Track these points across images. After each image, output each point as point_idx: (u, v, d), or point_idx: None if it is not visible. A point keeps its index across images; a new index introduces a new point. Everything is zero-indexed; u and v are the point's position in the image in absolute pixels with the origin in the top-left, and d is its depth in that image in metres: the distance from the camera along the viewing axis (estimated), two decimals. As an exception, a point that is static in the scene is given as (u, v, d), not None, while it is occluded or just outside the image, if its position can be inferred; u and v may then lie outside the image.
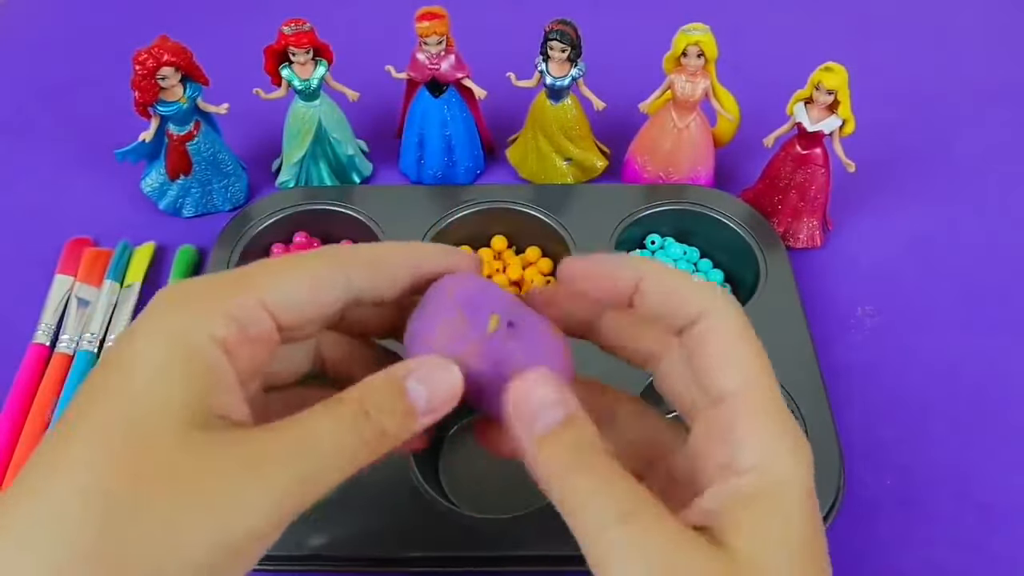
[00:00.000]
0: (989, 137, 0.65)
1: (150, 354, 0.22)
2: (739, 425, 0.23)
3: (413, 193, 0.57)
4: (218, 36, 0.70)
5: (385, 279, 0.26)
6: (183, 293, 0.24)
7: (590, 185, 0.60)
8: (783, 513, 0.23)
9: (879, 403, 0.49)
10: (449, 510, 0.41)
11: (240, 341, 0.23)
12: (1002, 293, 0.55)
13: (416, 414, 0.24)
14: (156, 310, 0.23)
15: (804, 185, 0.54)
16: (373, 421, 0.23)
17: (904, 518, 0.44)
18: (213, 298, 0.23)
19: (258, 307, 0.24)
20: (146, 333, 0.23)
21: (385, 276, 0.26)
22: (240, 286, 0.24)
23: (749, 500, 0.23)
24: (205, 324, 0.23)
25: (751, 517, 0.22)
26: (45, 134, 0.65)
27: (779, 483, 0.23)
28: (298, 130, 0.56)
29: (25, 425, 0.46)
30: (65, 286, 0.53)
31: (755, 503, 0.23)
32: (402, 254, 0.27)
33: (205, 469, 0.21)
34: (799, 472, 0.23)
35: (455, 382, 0.25)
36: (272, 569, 0.40)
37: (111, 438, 0.21)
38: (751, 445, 0.23)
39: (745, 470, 0.23)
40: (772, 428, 0.23)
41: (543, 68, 0.54)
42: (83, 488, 0.20)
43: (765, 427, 0.23)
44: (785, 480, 0.23)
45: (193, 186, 0.57)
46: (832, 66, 0.50)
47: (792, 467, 0.23)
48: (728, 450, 0.23)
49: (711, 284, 0.26)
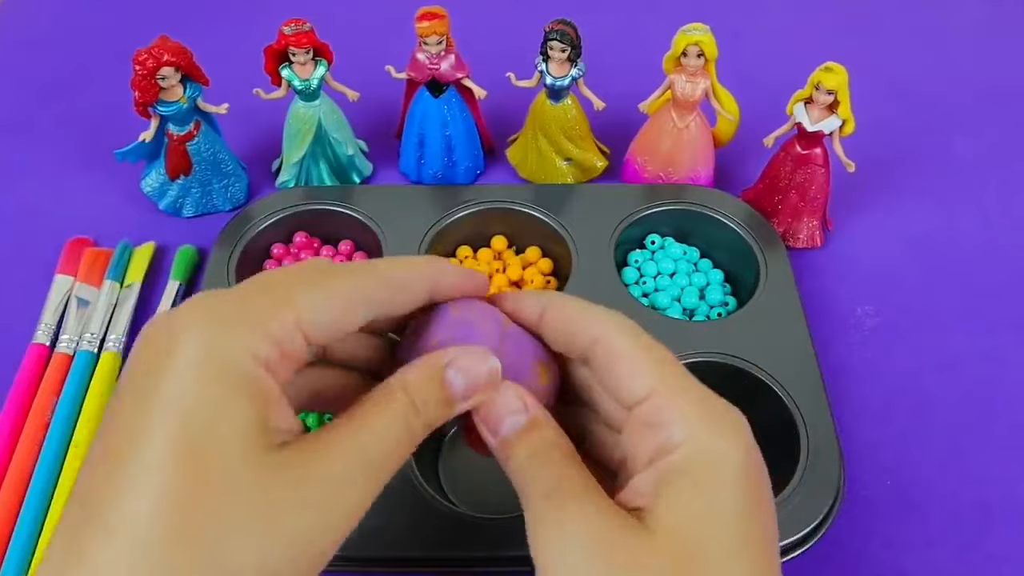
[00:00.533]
0: (989, 137, 0.65)
1: (201, 374, 0.21)
2: (661, 413, 0.25)
3: (413, 193, 0.57)
4: (218, 36, 0.70)
5: (406, 296, 0.27)
6: (222, 309, 0.23)
7: (590, 185, 0.60)
8: (711, 487, 0.23)
9: (879, 403, 0.49)
10: (449, 510, 0.41)
11: (279, 360, 0.23)
12: (1002, 293, 0.55)
13: (455, 403, 0.25)
14: (195, 324, 0.22)
15: (804, 185, 0.54)
16: (421, 414, 0.25)
17: (904, 518, 0.44)
18: (255, 316, 0.23)
19: (295, 327, 0.23)
20: (190, 352, 0.21)
21: (406, 293, 0.27)
22: (279, 304, 0.23)
23: (676, 475, 0.24)
24: (250, 344, 0.22)
25: (676, 491, 0.23)
26: (45, 134, 0.65)
27: (707, 458, 0.24)
28: (298, 130, 0.56)
29: (25, 425, 0.46)
30: (65, 286, 0.53)
31: (681, 478, 0.23)
32: (423, 271, 0.27)
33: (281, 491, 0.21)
34: (729, 447, 0.24)
35: (493, 370, 0.26)
36: (272, 569, 0.40)
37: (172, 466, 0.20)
38: (676, 426, 0.24)
39: (672, 448, 0.24)
40: (694, 410, 0.24)
41: (543, 68, 0.54)
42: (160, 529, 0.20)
43: (686, 410, 0.24)
44: (713, 455, 0.24)
45: (193, 186, 0.57)
46: (832, 66, 0.50)
47: (720, 442, 0.24)
48: (655, 437, 0.24)
49: (601, 308, 0.27)
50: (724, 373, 0.46)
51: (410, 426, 0.24)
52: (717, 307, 0.52)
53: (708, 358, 0.47)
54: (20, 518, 0.43)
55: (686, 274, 0.54)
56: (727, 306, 0.52)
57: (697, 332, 0.49)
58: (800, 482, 0.42)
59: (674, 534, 0.23)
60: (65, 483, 0.44)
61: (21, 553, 0.42)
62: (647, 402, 0.25)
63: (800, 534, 0.40)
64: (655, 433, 0.24)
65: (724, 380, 0.47)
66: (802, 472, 0.42)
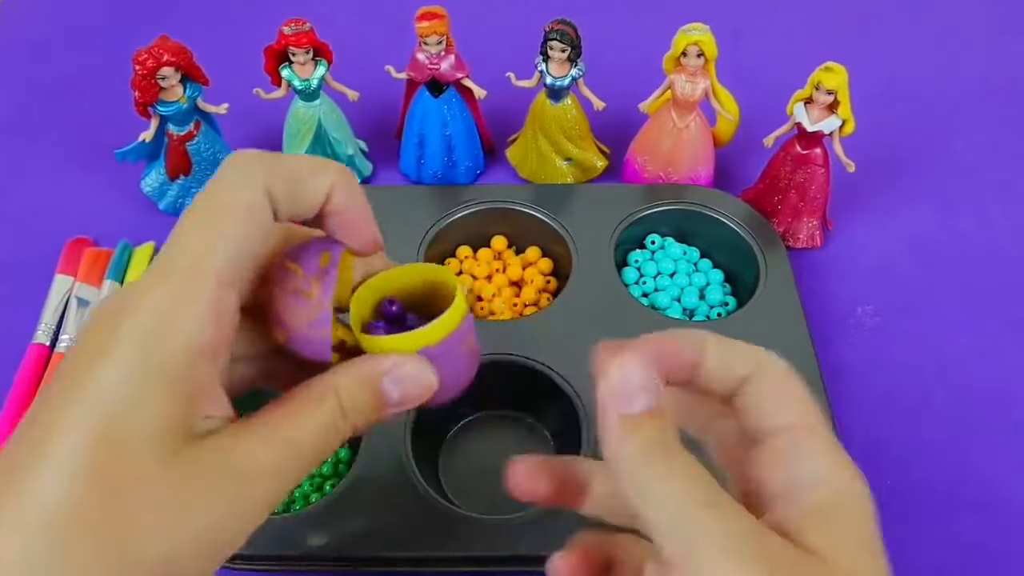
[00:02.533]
0: (989, 137, 0.65)
1: (129, 375, 0.21)
2: (802, 447, 0.25)
3: (413, 193, 0.57)
4: (218, 36, 0.70)
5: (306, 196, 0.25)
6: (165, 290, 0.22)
7: (590, 185, 0.60)
8: (854, 519, 0.24)
9: (879, 403, 0.49)
10: (449, 510, 0.41)
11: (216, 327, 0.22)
12: (1002, 293, 0.55)
13: (386, 411, 0.25)
14: (138, 313, 0.22)
15: (804, 185, 0.54)
16: (349, 419, 0.24)
17: (903, 518, 0.44)
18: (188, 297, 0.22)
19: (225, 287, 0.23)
20: (126, 352, 0.21)
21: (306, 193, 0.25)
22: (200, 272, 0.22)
23: (822, 509, 0.24)
24: (187, 334, 0.22)
25: (827, 523, 0.23)
26: (45, 134, 0.65)
27: (846, 494, 0.24)
28: (298, 130, 0.56)
29: (25, 425, 0.46)
30: (65, 286, 0.53)
31: (829, 511, 0.24)
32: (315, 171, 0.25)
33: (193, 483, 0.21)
34: (861, 483, 0.25)
35: (429, 383, 0.25)
36: (272, 569, 0.40)
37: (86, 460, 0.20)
38: (818, 461, 0.24)
39: (814, 484, 0.24)
40: (832, 447, 0.25)
41: (543, 68, 0.54)
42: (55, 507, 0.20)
43: (826, 446, 0.25)
44: (851, 491, 0.24)
45: (193, 186, 0.57)
46: (832, 66, 0.50)
47: (854, 479, 0.24)
48: (792, 469, 0.24)
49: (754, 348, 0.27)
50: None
51: (337, 428, 0.24)
52: (717, 307, 0.52)
53: (708, 358, 0.47)
54: (20, 518, 0.43)
55: (686, 274, 0.54)
56: (727, 306, 0.52)
57: (697, 332, 0.49)
58: (800, 482, 0.42)
59: (838, 562, 0.23)
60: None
61: (21, 553, 0.42)
62: (788, 433, 0.25)
63: (800, 534, 0.40)
64: (791, 465, 0.25)
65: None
66: (802, 472, 0.42)
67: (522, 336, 0.48)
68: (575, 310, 0.49)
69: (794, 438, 0.25)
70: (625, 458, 0.23)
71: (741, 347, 0.26)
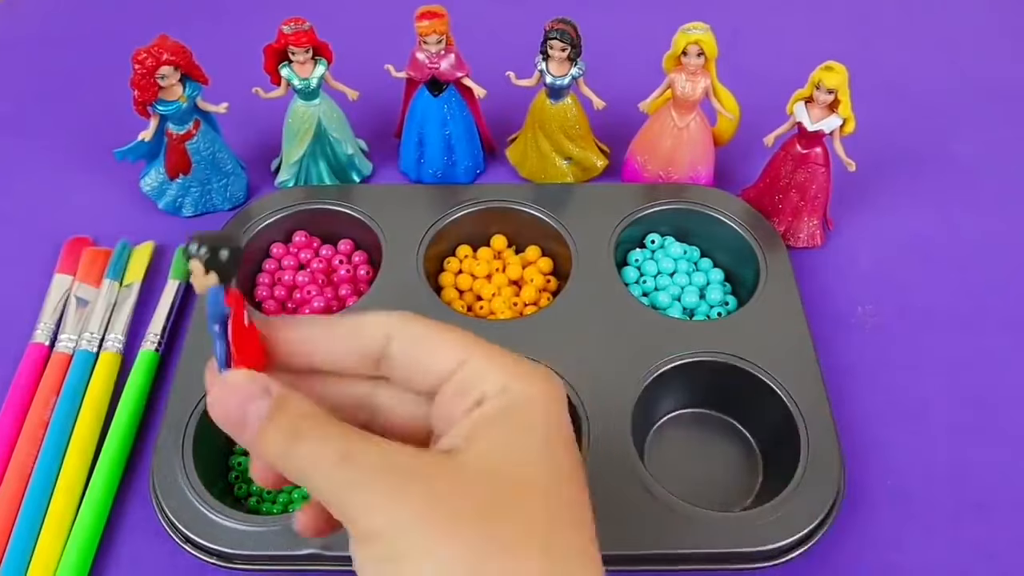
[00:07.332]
0: (989, 137, 0.65)
1: None
2: (473, 377, 0.25)
3: (413, 192, 0.57)
4: (218, 36, 0.70)
5: None
6: None
7: (590, 185, 0.60)
8: (524, 423, 0.24)
9: (879, 403, 0.49)
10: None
11: None
12: (1002, 293, 0.55)
13: None
14: None
15: (804, 184, 0.54)
16: None
17: (904, 518, 0.44)
18: None
19: None
20: None
21: None
22: None
23: (486, 420, 0.24)
24: None
25: (486, 432, 0.24)
26: (45, 134, 0.65)
27: (515, 402, 0.24)
28: (298, 129, 0.56)
29: (24, 424, 0.46)
30: (64, 285, 0.53)
31: (495, 421, 0.24)
32: None
33: None
34: (536, 391, 0.25)
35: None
36: (272, 569, 0.40)
37: None
38: (488, 384, 0.25)
39: (484, 401, 0.24)
40: (504, 368, 0.25)
41: (543, 67, 0.54)
42: None
43: (496, 369, 0.25)
44: (520, 398, 0.25)
45: (192, 185, 0.57)
46: (832, 65, 0.50)
47: (527, 388, 0.25)
48: (468, 398, 0.25)
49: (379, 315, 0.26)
50: (724, 373, 0.46)
51: None
52: (717, 307, 0.52)
53: (708, 358, 0.47)
54: (19, 516, 0.43)
55: (686, 273, 0.54)
56: (727, 305, 0.52)
57: (697, 332, 0.49)
58: (800, 482, 0.42)
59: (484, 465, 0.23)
60: (64, 482, 0.44)
61: (21, 551, 0.42)
62: (458, 373, 0.25)
63: (800, 534, 0.40)
64: (468, 395, 0.25)
65: (724, 380, 0.47)
66: (802, 472, 0.42)
67: (522, 336, 0.48)
68: (575, 310, 0.49)
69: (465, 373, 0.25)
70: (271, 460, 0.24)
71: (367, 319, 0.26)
